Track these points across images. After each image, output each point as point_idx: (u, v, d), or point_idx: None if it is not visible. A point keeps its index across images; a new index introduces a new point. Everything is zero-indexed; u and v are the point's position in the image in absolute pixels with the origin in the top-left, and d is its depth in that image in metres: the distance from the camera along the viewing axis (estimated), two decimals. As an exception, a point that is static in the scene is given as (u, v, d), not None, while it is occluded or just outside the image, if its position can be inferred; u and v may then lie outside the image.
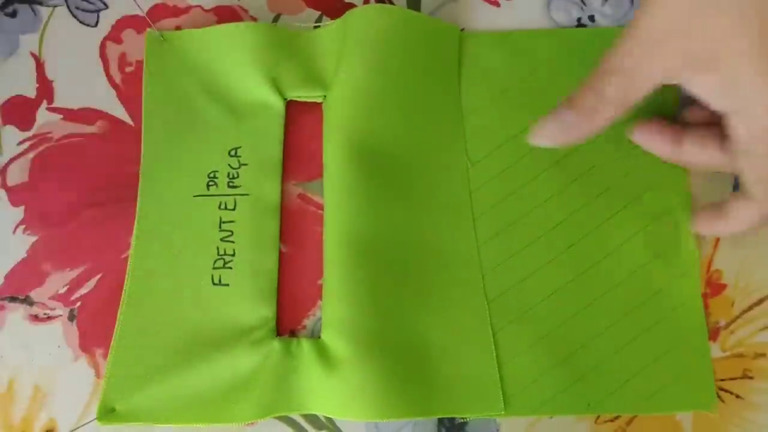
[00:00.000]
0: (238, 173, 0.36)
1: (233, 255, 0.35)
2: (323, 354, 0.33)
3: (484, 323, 0.34)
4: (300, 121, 0.38)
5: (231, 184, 0.36)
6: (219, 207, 0.35)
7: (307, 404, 0.33)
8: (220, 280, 0.34)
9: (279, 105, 0.37)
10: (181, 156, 0.36)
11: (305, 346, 0.33)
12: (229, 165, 0.36)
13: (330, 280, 0.34)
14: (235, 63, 0.37)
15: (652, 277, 0.35)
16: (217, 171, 0.36)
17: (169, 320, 0.34)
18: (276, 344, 0.33)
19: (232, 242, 0.35)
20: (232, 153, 0.36)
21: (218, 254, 0.35)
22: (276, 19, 0.39)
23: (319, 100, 0.37)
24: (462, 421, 0.34)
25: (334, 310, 0.33)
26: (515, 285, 0.35)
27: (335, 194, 0.35)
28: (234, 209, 0.35)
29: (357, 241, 0.34)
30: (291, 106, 0.38)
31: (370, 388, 0.32)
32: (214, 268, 0.34)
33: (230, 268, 0.34)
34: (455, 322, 0.34)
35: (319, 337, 0.34)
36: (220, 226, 0.35)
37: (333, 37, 0.37)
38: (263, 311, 0.34)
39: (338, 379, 0.32)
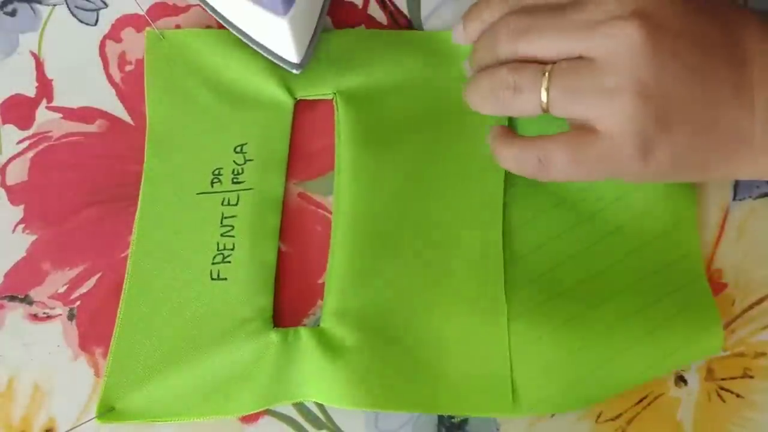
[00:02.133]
0: (243, 169, 0.36)
1: (232, 249, 0.35)
2: (322, 342, 0.33)
3: (501, 324, 0.33)
4: (301, 120, 0.38)
5: (235, 180, 0.36)
6: (222, 203, 0.35)
7: (306, 392, 0.33)
8: (218, 275, 0.34)
9: (288, 102, 0.37)
10: (186, 154, 0.36)
11: (303, 334, 0.33)
12: (234, 161, 0.36)
13: (336, 268, 0.34)
14: (240, 63, 0.37)
15: (661, 275, 0.35)
16: (222, 168, 0.36)
17: (169, 318, 0.34)
18: (273, 335, 0.33)
19: (232, 236, 0.35)
20: (238, 149, 0.36)
21: (218, 249, 0.35)
22: (276, 18, 0.39)
23: (329, 97, 0.37)
24: (461, 420, 0.34)
25: (338, 299, 0.33)
26: (531, 278, 0.35)
27: (348, 183, 0.35)
28: (236, 204, 0.35)
29: (368, 229, 0.34)
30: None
31: (370, 376, 0.32)
32: (213, 263, 0.34)
33: (229, 262, 0.34)
34: (471, 318, 0.34)
35: (318, 326, 0.34)
36: (221, 222, 0.35)
37: (339, 39, 0.38)
38: (260, 301, 0.34)
39: (338, 366, 0.32)
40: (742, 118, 0.30)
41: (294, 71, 0.36)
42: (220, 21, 0.37)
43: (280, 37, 0.35)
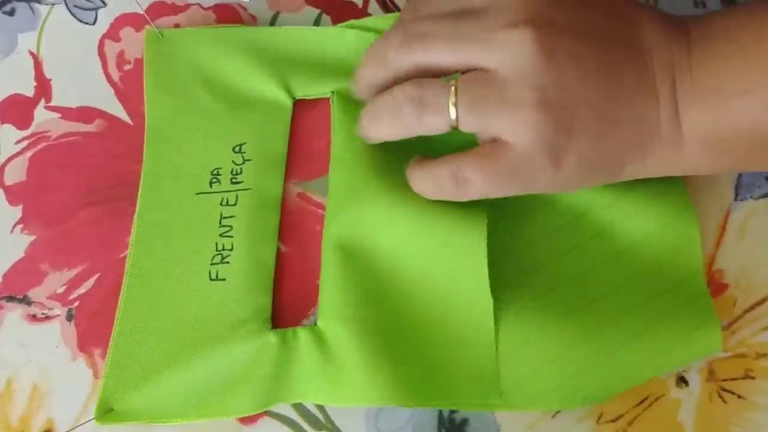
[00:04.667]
0: (241, 169, 0.36)
1: (231, 249, 0.34)
2: (319, 341, 0.33)
3: (487, 313, 0.33)
4: (300, 120, 0.37)
5: (234, 180, 0.36)
6: (221, 203, 0.35)
7: (304, 393, 0.33)
8: (217, 276, 0.34)
9: (287, 102, 0.37)
10: (185, 154, 0.36)
11: (301, 334, 0.33)
12: (233, 161, 0.36)
13: (328, 266, 0.34)
14: (239, 62, 0.37)
15: (656, 273, 0.35)
16: (221, 168, 0.36)
17: (167, 318, 0.34)
18: (272, 336, 0.33)
19: (231, 237, 0.35)
20: (237, 149, 0.36)
21: (216, 250, 0.35)
22: (275, 17, 0.39)
23: (326, 96, 0.37)
24: (461, 420, 0.34)
25: (331, 296, 0.33)
26: (525, 273, 0.35)
27: (342, 182, 0.35)
28: (235, 204, 0.35)
29: (360, 226, 0.34)
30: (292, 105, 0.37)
31: (366, 372, 0.32)
32: (212, 264, 0.34)
33: (228, 262, 0.34)
34: (458, 310, 0.33)
35: (315, 324, 0.34)
36: (220, 222, 0.35)
37: (341, 37, 0.38)
38: (258, 301, 0.34)
39: (334, 364, 0.32)
40: (646, 112, 0.30)
41: (245, 0, 0.36)
42: None
43: None
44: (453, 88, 0.29)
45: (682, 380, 0.34)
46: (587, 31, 0.29)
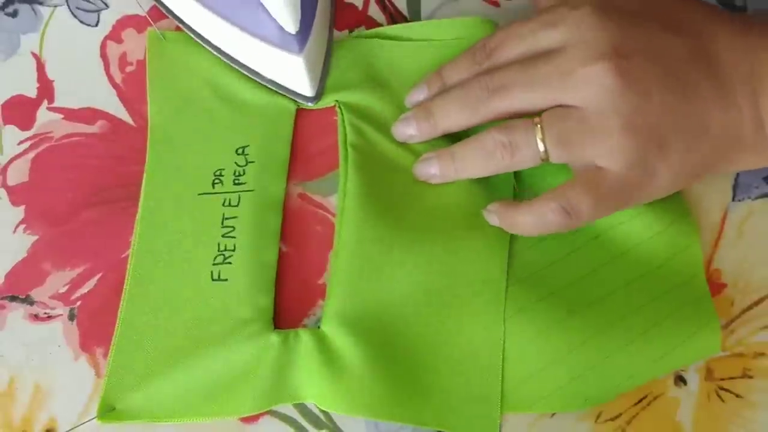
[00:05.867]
0: (244, 170, 0.36)
1: (233, 250, 0.35)
2: (321, 345, 0.33)
3: (497, 345, 0.34)
4: (302, 121, 0.38)
5: (237, 181, 0.36)
6: (223, 204, 0.35)
7: (305, 394, 0.33)
8: (219, 276, 0.34)
9: (290, 106, 0.37)
10: (187, 155, 0.36)
11: (303, 337, 0.33)
12: (235, 163, 0.36)
13: (339, 271, 0.34)
14: None
15: (657, 275, 0.35)
16: (224, 169, 0.36)
17: (169, 319, 0.34)
18: (274, 337, 0.33)
19: (233, 237, 0.35)
20: (240, 151, 0.36)
21: (218, 250, 0.35)
22: (276, 19, 0.39)
23: (331, 104, 0.37)
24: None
25: (339, 302, 0.33)
26: (526, 276, 0.35)
27: (354, 188, 0.35)
28: (237, 205, 0.35)
29: (373, 235, 0.34)
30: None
31: (366, 383, 0.32)
32: (214, 264, 0.34)
33: (230, 263, 0.34)
34: (469, 338, 0.34)
35: (318, 327, 0.34)
36: (222, 223, 0.35)
37: (346, 46, 0.38)
38: (260, 302, 0.34)
39: (335, 370, 0.32)
40: (730, 122, 0.31)
41: (309, 104, 0.37)
42: (225, 59, 0.37)
43: (295, 74, 0.35)
44: (538, 126, 0.31)
45: (680, 379, 0.35)
46: (661, 55, 0.31)
